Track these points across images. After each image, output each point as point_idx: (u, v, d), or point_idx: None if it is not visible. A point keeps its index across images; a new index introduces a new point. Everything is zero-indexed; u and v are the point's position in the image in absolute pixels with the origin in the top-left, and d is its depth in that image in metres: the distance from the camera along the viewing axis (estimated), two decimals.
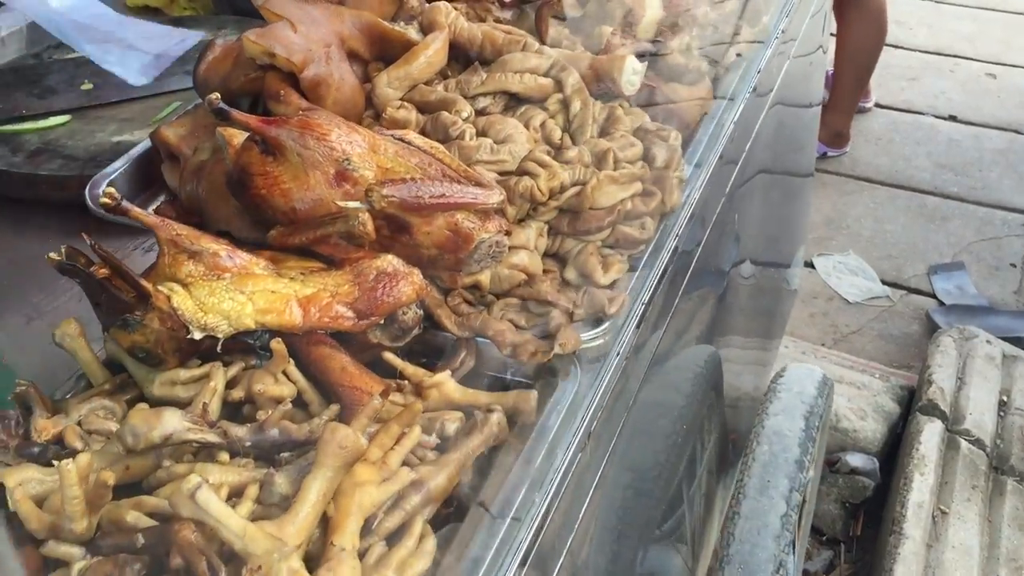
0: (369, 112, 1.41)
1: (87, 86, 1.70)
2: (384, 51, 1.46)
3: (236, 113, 1.12)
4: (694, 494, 2.02)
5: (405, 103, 1.36)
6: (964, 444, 2.84)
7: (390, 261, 1.08)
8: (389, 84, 1.39)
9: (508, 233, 1.14)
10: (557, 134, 1.35)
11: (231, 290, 1.04)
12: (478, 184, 1.12)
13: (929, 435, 2.83)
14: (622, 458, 1.31)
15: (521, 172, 1.21)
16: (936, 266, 3.91)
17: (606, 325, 1.15)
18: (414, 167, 1.14)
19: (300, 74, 1.31)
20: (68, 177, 1.49)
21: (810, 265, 3.95)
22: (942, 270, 3.89)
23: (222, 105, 1.11)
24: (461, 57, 1.50)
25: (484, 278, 1.16)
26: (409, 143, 1.15)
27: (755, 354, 2.81)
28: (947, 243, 4.05)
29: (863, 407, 3.04)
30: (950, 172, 4.46)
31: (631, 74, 1.41)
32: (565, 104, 1.38)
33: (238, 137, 1.19)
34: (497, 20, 1.58)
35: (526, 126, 1.35)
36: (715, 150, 1.50)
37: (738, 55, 1.86)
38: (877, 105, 4.90)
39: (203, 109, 1.43)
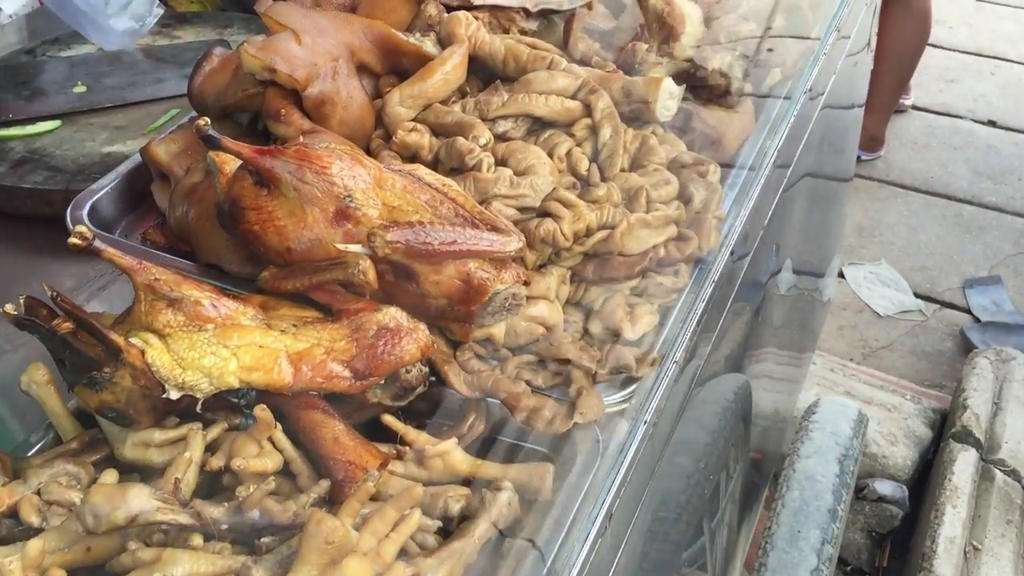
0: (379, 132, 1.29)
1: (80, 88, 1.58)
2: (397, 64, 1.34)
3: (227, 141, 1.00)
4: (717, 526, 1.91)
5: (418, 125, 1.24)
6: (999, 475, 2.70)
7: (393, 315, 0.96)
8: (401, 102, 1.27)
9: (526, 283, 1.02)
10: (584, 164, 1.22)
11: (214, 343, 0.93)
12: (494, 228, 1.00)
13: (962, 465, 2.70)
14: (644, 508, 1.20)
15: (543, 212, 1.08)
16: (972, 280, 3.76)
17: (633, 388, 1.03)
18: (423, 205, 1.02)
19: (303, 92, 1.19)
20: (53, 191, 1.38)
21: (840, 275, 3.80)
22: (978, 284, 3.74)
23: (211, 132, 0.99)
24: (482, 72, 1.38)
25: (498, 331, 1.04)
26: (419, 179, 1.03)
27: (786, 370, 2.68)
28: (983, 255, 3.90)
29: (893, 431, 2.91)
30: (988, 180, 4.30)
31: (667, 98, 1.28)
32: (594, 130, 1.25)
33: (231, 163, 1.08)
34: (522, 31, 1.45)
35: (550, 154, 1.22)
36: (768, 155, 1.39)
37: (769, 50, 1.74)
38: (914, 107, 4.74)
39: None
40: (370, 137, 1.28)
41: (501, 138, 1.26)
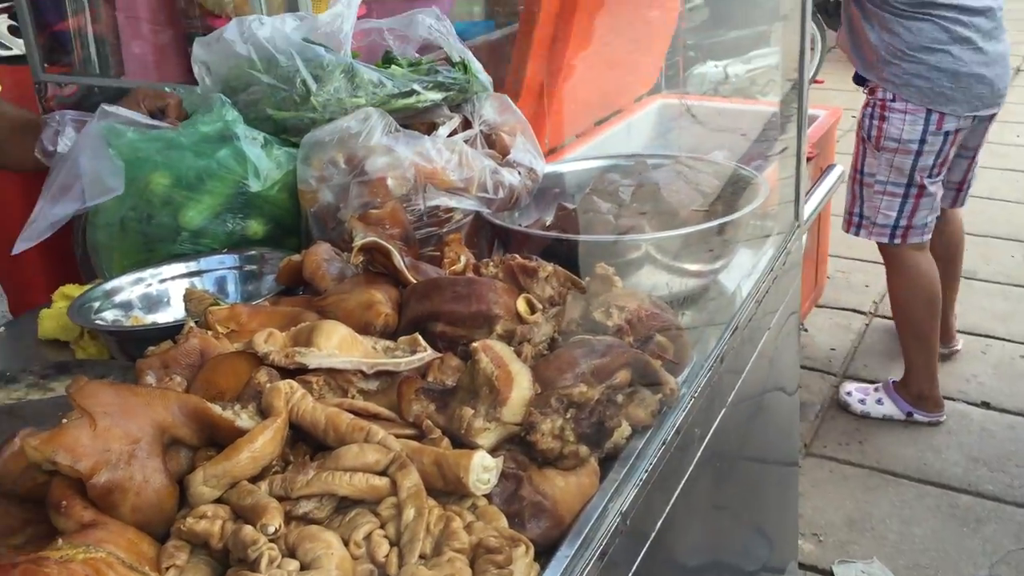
0: (185, 511, 1.24)
1: None
2: (215, 437, 1.31)
3: None
4: None
5: (211, 510, 1.19)
6: None
7: None
8: (205, 482, 1.23)
9: None
10: (383, 550, 1.15)
11: None
12: None
13: None
14: None
15: None
16: None
17: None
18: None
19: (87, 481, 1.16)
20: None
21: (830, 574, 3.59)
22: None
23: None
24: (312, 439, 1.35)
25: None
26: None
27: None
28: (982, 551, 3.67)
29: None
30: (984, 467, 4.12)
31: (480, 472, 1.23)
32: (400, 510, 1.19)
33: None
34: (361, 391, 1.44)
35: (347, 540, 1.16)
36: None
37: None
38: None
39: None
40: (172, 519, 1.23)
41: (303, 518, 1.21)
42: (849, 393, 4.54)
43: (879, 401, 4.43)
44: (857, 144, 4.17)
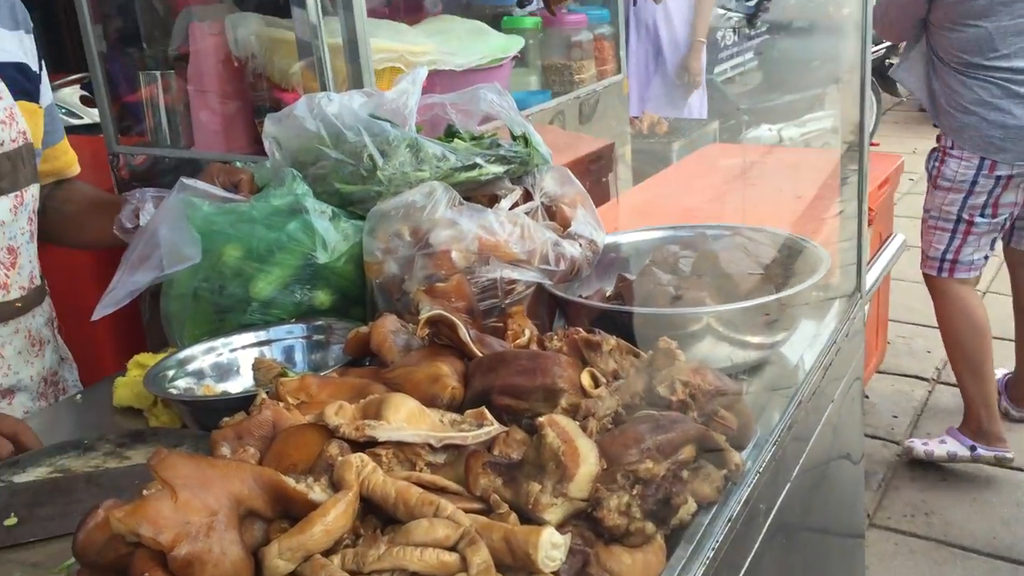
0: None
1: (11, 520, 1.59)
2: (289, 509, 1.34)
3: None
4: None
5: None
6: None
7: None
8: (280, 555, 1.25)
9: None
10: None
11: None
12: None
13: None
14: None
15: None
16: None
17: None
18: None
19: (168, 553, 1.19)
20: None
21: None
22: None
23: None
24: (382, 511, 1.37)
25: None
26: None
27: None
28: None
29: None
30: None
31: (549, 549, 1.24)
32: None
33: None
34: (429, 464, 1.46)
35: None
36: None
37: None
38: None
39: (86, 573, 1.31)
40: None
41: None
42: (912, 440, 4.66)
43: (942, 441, 4.51)
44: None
